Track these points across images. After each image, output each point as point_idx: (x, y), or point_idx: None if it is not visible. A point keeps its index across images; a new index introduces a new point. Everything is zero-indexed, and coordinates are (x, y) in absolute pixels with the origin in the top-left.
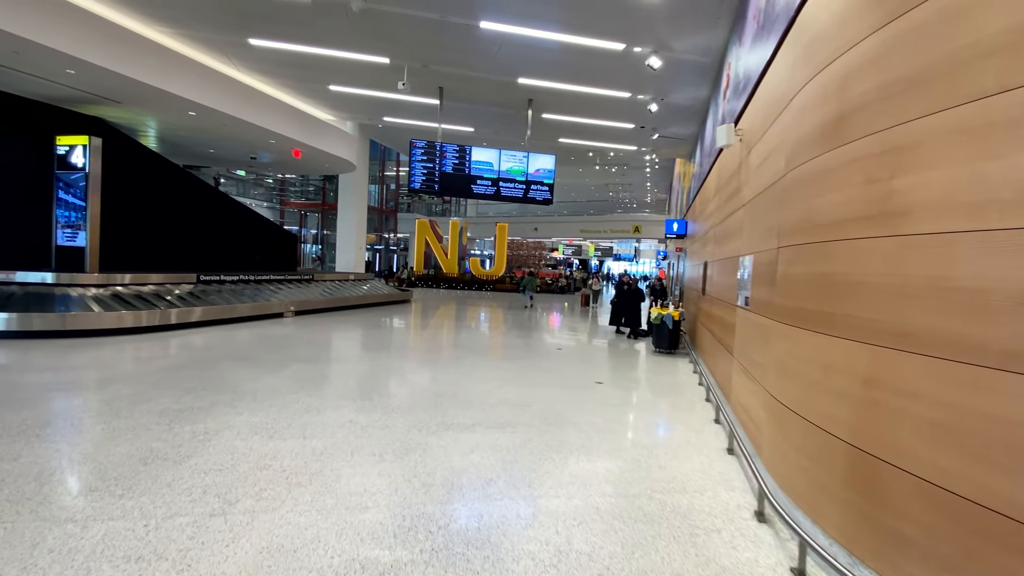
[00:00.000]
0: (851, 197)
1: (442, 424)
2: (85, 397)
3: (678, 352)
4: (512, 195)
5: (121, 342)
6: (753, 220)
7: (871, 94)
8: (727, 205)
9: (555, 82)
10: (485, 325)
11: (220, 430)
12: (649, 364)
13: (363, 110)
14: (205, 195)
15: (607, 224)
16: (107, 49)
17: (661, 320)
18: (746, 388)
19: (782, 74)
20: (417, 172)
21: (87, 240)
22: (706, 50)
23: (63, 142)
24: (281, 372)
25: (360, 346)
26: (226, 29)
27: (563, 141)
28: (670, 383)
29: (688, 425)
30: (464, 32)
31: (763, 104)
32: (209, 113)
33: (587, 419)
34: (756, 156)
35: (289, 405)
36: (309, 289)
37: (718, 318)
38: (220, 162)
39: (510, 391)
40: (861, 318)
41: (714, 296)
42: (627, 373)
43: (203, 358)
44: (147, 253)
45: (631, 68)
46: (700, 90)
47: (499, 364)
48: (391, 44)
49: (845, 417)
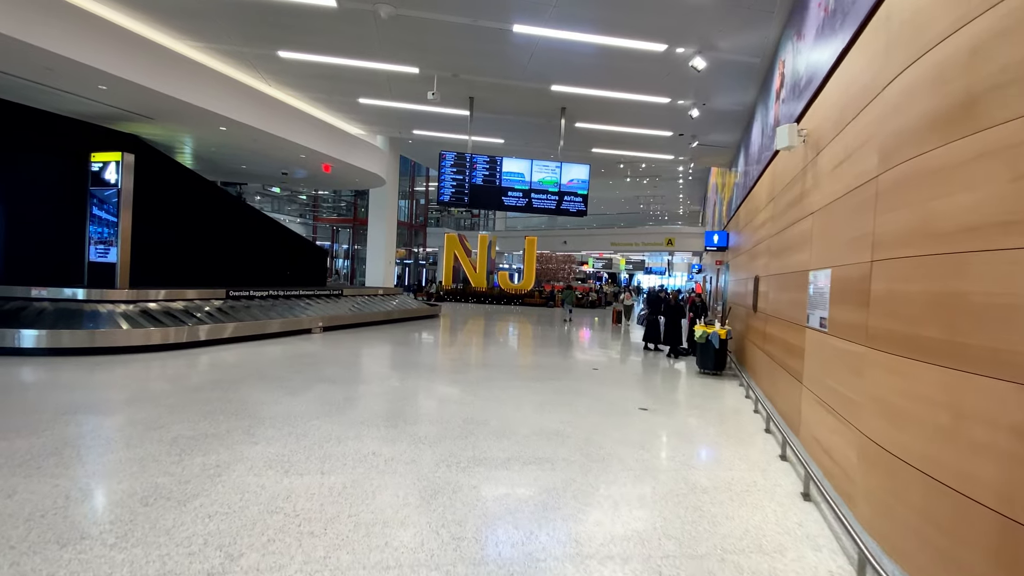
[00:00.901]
0: (988, 197)
1: (473, 459)
2: (99, 422)
3: (725, 374)
4: (544, 207)
5: (148, 360)
6: (827, 229)
7: (1018, 68)
8: (787, 214)
9: (590, 88)
10: (515, 341)
11: (232, 463)
12: (695, 387)
13: (392, 123)
14: (236, 210)
15: (639, 236)
16: (138, 64)
17: (707, 338)
18: (825, 424)
19: (865, 62)
20: (446, 184)
21: (118, 256)
22: (755, 49)
23: (97, 159)
24: (304, 394)
25: (387, 364)
26: (256, 42)
27: (596, 151)
28: (721, 409)
29: (751, 462)
30: (496, 37)
31: (836, 99)
32: (240, 128)
33: (634, 453)
34: (829, 158)
35: (309, 433)
36: (338, 304)
37: (777, 339)
38: (253, 178)
39: (547, 418)
40: (1013, 352)
41: (770, 314)
42: (672, 397)
43: (226, 378)
44: (178, 268)
45: (672, 71)
46: (746, 94)
47: (532, 386)
48: (420, 53)
49: (990, 478)
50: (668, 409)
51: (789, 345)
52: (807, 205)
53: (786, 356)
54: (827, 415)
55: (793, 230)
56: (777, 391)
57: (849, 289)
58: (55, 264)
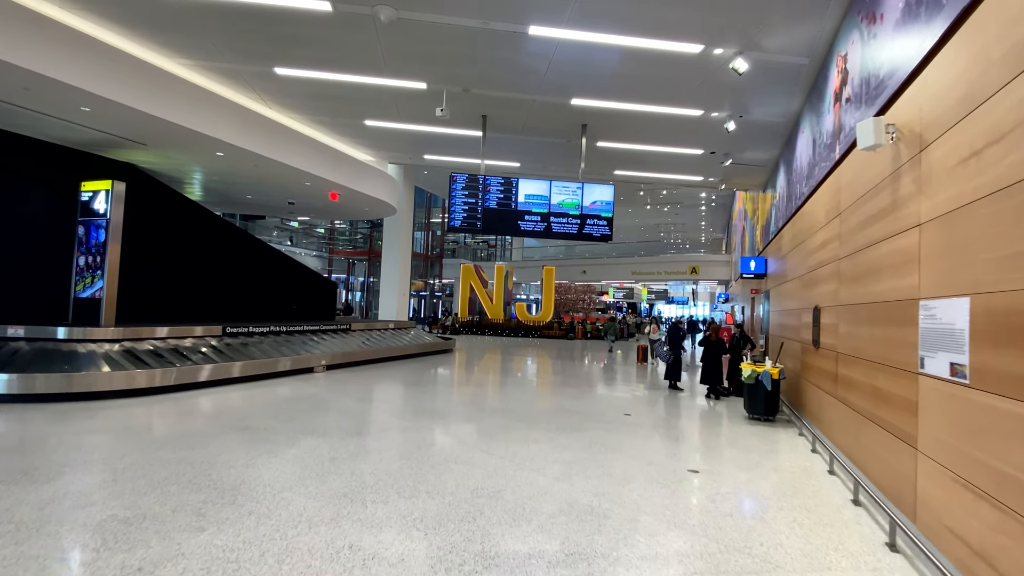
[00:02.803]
0: None
1: (481, 555)
2: (23, 494)
3: (778, 419)
4: (565, 231)
5: (127, 407)
6: (956, 244)
7: None
8: (867, 231)
9: (614, 101)
10: (534, 379)
11: (161, 563)
12: (747, 437)
13: (402, 147)
14: (239, 242)
15: (661, 265)
16: (122, 83)
17: (756, 379)
18: (973, 513)
19: (999, 29)
20: (457, 209)
21: (104, 291)
22: (805, 46)
23: (87, 188)
24: (285, 452)
25: (389, 410)
26: (249, 58)
27: (620, 174)
28: (787, 469)
29: (851, 555)
30: (510, 43)
31: (960, 72)
32: (239, 153)
33: (697, 544)
34: (948, 150)
35: (274, 512)
36: (345, 340)
37: (860, 384)
38: (261, 209)
39: (577, 487)
40: None
41: (845, 352)
42: (725, 452)
43: (202, 430)
44: (171, 304)
45: (707, 78)
46: (789, 102)
47: (557, 438)
48: (427, 65)
49: None
50: (724, 470)
51: (884, 394)
52: (907, 216)
53: (879, 408)
54: (977, 501)
55: (880, 249)
56: (865, 451)
57: (1011, 325)
58: (39, 300)
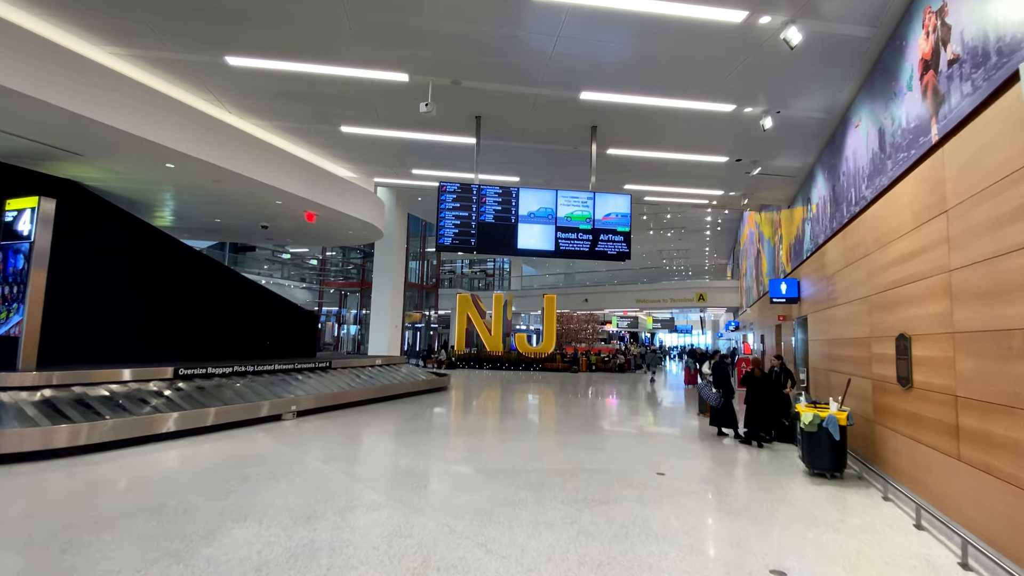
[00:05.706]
0: None
1: None
2: None
3: (846, 476)
4: (575, 248)
5: (32, 474)
6: None
7: None
8: (1009, 228)
9: (630, 94)
10: (541, 424)
11: None
12: (823, 507)
13: (385, 160)
14: (202, 269)
15: (666, 292)
16: (41, 75)
17: (819, 425)
18: None
19: None
20: (447, 224)
21: (23, 327)
22: (876, 8)
23: (12, 206)
24: (193, 557)
25: (358, 476)
26: (192, 43)
27: (631, 188)
28: (904, 563)
29: None
30: (508, 10)
31: None
32: (193, 164)
33: None
34: None
35: None
36: (323, 380)
37: (1002, 441)
38: (231, 234)
39: None
40: None
41: (979, 399)
42: (808, 535)
43: (95, 514)
44: (115, 342)
45: (746, 57)
46: (840, 89)
47: (578, 518)
48: (408, 49)
49: None
50: (819, 568)
51: None
52: None
53: None
54: None
55: None
56: None
57: None
58: None
